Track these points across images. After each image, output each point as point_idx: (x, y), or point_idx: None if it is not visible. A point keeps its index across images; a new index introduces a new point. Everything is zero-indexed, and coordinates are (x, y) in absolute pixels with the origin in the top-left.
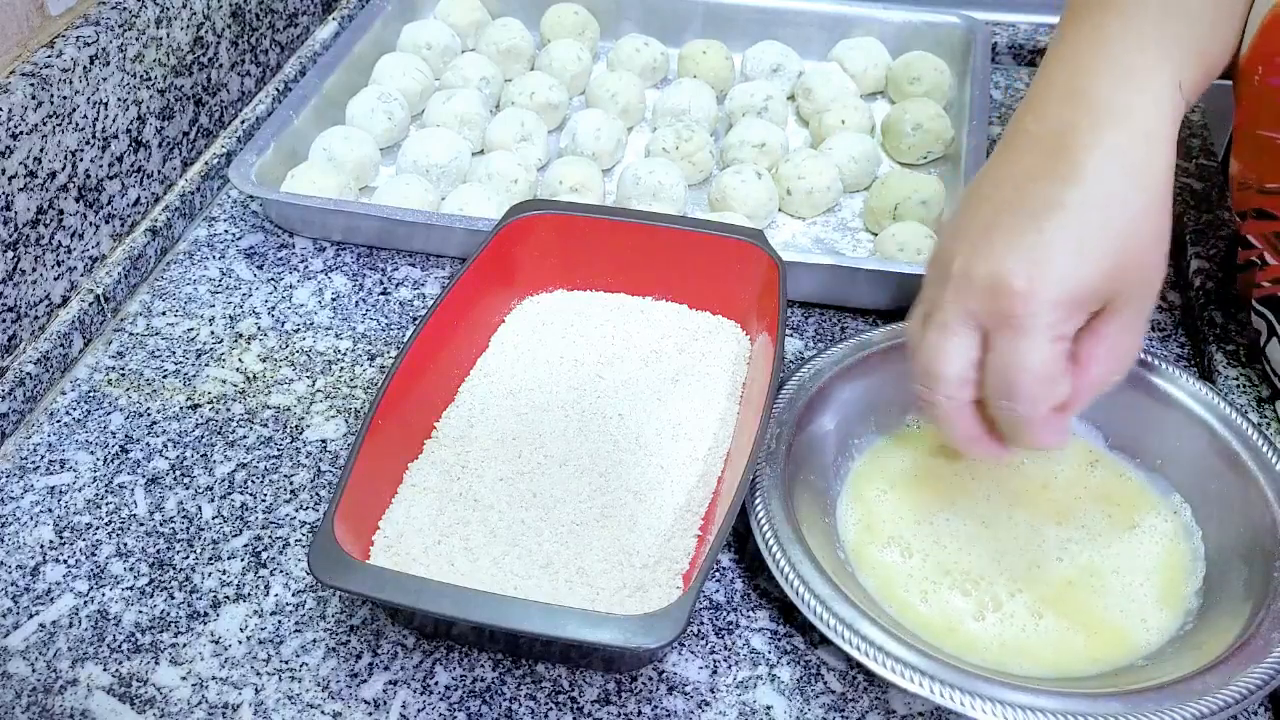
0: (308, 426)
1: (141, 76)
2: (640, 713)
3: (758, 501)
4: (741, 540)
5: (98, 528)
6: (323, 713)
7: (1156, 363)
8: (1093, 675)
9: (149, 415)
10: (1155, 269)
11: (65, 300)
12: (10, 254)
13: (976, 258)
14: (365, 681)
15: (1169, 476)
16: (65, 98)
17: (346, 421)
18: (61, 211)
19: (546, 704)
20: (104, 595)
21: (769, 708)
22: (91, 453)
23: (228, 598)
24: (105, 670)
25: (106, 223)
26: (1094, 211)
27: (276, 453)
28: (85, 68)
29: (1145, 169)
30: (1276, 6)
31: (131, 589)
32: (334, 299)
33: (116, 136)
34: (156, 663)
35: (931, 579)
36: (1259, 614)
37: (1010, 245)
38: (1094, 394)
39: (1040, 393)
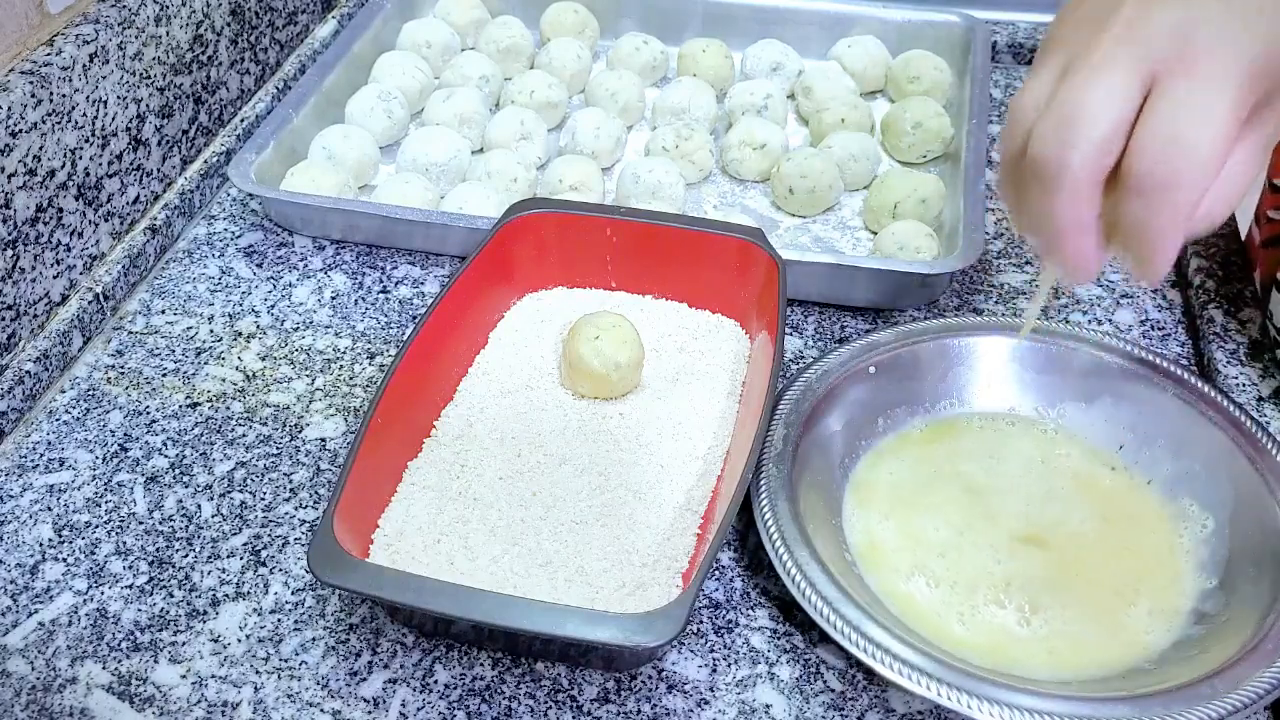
0: (307, 425)
1: (141, 75)
2: (640, 711)
3: (764, 502)
4: (741, 539)
5: (97, 526)
6: (322, 711)
7: (1162, 364)
8: (1099, 678)
9: (148, 413)
10: None
11: (65, 298)
12: (10, 252)
13: (1157, 5)
14: (365, 680)
15: (1179, 479)
16: (64, 96)
17: (346, 420)
18: (61, 210)
19: (546, 702)
20: (103, 594)
21: (769, 706)
22: (91, 451)
23: (227, 596)
24: (104, 668)
25: (106, 221)
26: None
27: (276, 451)
28: (85, 66)
29: None
30: None
31: (131, 587)
32: (333, 297)
33: (116, 135)
34: (156, 661)
35: (941, 578)
36: (1268, 618)
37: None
38: (1234, 196)
39: (1201, 177)
